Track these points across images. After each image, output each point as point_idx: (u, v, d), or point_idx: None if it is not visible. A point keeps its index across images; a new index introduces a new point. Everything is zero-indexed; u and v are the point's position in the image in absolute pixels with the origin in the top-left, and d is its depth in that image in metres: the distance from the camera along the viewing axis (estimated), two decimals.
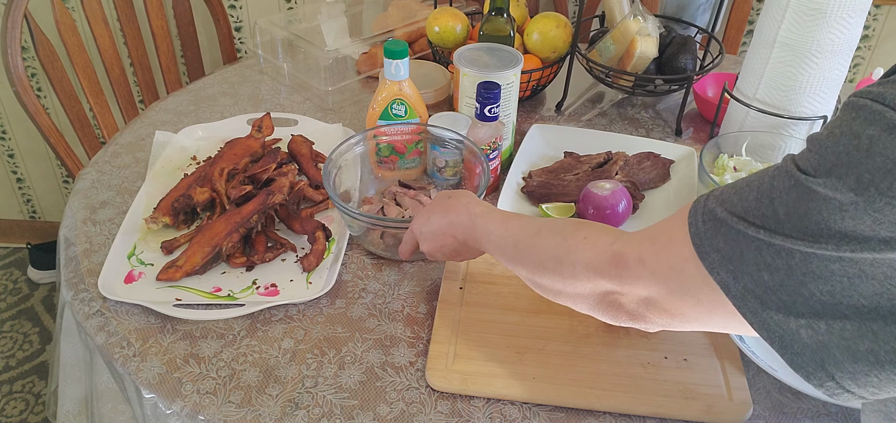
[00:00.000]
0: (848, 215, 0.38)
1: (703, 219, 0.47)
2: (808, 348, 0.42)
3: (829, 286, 0.40)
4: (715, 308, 0.47)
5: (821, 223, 0.40)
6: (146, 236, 0.88)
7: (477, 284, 0.81)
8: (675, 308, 0.50)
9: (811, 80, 0.94)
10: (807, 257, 0.40)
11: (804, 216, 0.40)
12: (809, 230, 0.40)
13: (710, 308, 0.47)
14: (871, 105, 0.39)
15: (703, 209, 0.48)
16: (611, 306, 0.56)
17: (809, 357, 0.42)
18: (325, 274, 0.83)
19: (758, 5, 1.63)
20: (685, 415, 0.67)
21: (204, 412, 0.67)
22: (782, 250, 0.41)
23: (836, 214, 0.39)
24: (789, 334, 0.42)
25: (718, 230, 0.46)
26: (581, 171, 0.98)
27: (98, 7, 1.38)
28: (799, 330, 0.42)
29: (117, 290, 0.79)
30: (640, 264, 0.51)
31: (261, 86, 1.28)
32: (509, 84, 0.96)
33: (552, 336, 0.74)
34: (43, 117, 1.26)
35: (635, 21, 1.12)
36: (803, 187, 0.41)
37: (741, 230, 0.44)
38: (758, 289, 0.43)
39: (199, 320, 0.76)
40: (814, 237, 0.40)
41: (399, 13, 1.36)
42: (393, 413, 0.67)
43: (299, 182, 0.93)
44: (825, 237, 0.39)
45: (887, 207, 0.37)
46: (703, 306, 0.48)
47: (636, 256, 0.52)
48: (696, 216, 0.48)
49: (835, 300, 0.40)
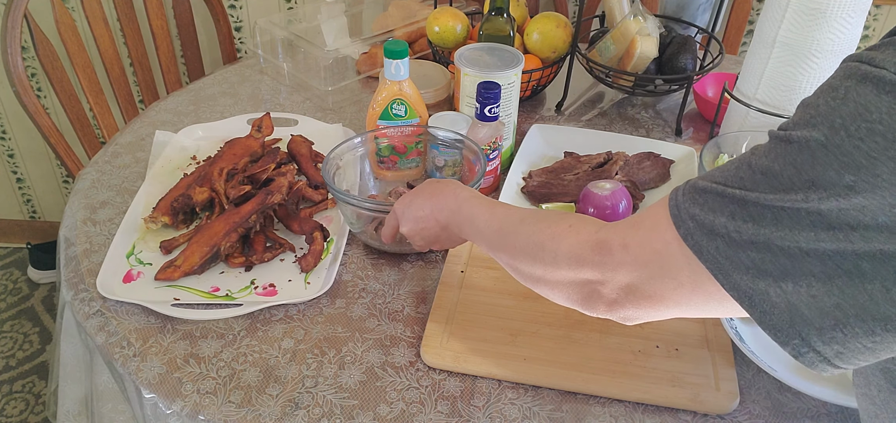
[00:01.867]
0: (818, 161, 0.40)
1: (683, 192, 0.49)
2: (777, 308, 0.43)
3: (797, 241, 0.41)
4: (695, 288, 0.48)
5: (793, 175, 0.41)
6: (145, 235, 0.88)
7: (478, 268, 0.83)
8: (655, 292, 0.51)
9: (811, 80, 0.94)
10: (777, 213, 0.42)
11: (778, 173, 0.42)
12: (781, 183, 0.42)
13: (690, 289, 0.48)
14: (855, 65, 0.40)
15: (685, 186, 0.49)
16: (589, 296, 0.56)
17: (778, 316, 0.43)
18: (323, 274, 0.83)
19: (758, 5, 1.63)
20: (671, 402, 0.68)
21: (204, 412, 0.67)
22: (754, 206, 0.43)
23: (807, 160, 0.40)
24: (759, 294, 0.43)
25: (696, 199, 0.47)
26: (581, 171, 0.98)
27: (98, 7, 1.38)
28: (768, 290, 0.43)
29: (116, 289, 0.79)
30: (624, 250, 0.52)
31: (261, 86, 1.28)
32: (510, 84, 0.96)
33: (546, 321, 0.76)
34: (43, 117, 1.26)
35: (635, 21, 1.12)
36: (779, 140, 0.43)
37: (718, 192, 0.45)
38: (729, 250, 0.44)
39: (197, 319, 0.76)
40: (785, 189, 0.41)
41: (399, 13, 1.36)
42: (393, 413, 0.67)
43: (298, 182, 0.93)
44: (795, 188, 0.41)
45: (855, 150, 0.38)
46: (684, 289, 0.49)
47: (620, 242, 0.52)
48: (676, 192, 0.50)
49: (802, 255, 0.41)
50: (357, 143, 0.92)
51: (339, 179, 0.89)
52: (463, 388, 0.70)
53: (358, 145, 0.92)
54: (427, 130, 0.94)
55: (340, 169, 0.90)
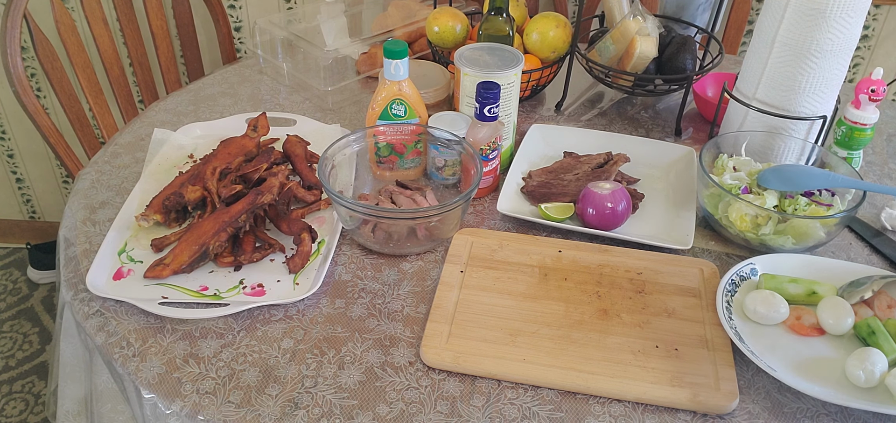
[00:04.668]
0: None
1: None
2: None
3: None
4: None
5: None
6: (137, 233, 0.88)
7: (477, 268, 0.83)
8: None
9: (811, 79, 0.94)
10: None
11: None
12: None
13: None
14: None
15: None
16: None
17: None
18: (312, 275, 0.82)
19: (757, 5, 1.63)
20: (671, 402, 0.68)
21: (203, 412, 0.67)
22: None
23: None
24: None
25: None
26: (581, 171, 0.98)
27: (98, 7, 1.38)
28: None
29: (105, 286, 0.79)
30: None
31: (260, 86, 1.28)
32: (510, 84, 0.96)
33: (546, 321, 0.76)
34: (42, 117, 1.26)
35: (635, 21, 1.12)
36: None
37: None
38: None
39: (183, 318, 0.76)
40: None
41: (399, 13, 1.36)
42: (393, 413, 0.67)
43: (290, 182, 0.92)
44: None
45: None
46: None
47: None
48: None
49: None
50: (351, 141, 0.92)
51: (334, 179, 0.89)
52: (462, 388, 0.70)
53: (352, 143, 0.92)
54: (426, 130, 0.94)
55: (335, 168, 0.90)
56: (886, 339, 0.72)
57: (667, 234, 0.90)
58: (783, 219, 0.84)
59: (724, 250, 0.90)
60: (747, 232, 0.86)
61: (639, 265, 0.84)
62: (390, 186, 0.95)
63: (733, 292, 0.79)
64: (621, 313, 0.78)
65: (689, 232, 0.88)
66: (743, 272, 0.81)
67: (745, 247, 0.89)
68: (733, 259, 0.88)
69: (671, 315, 0.77)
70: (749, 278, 0.81)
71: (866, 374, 0.68)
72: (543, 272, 0.83)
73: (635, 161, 1.03)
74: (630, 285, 0.81)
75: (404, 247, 0.86)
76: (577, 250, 0.86)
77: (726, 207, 0.88)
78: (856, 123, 1.01)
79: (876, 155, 1.12)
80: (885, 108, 1.26)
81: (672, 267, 0.84)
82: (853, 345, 0.74)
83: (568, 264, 0.84)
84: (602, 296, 0.80)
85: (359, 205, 0.85)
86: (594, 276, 0.82)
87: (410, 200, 0.92)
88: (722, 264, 0.87)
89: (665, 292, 0.80)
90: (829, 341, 0.75)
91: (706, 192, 0.90)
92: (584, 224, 0.90)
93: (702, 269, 0.84)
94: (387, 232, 0.86)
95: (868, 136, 1.02)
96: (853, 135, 1.02)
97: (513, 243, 0.87)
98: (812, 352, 0.73)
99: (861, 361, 0.69)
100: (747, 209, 0.85)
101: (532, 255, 0.85)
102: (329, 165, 0.88)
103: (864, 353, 0.70)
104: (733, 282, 0.80)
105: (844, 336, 0.75)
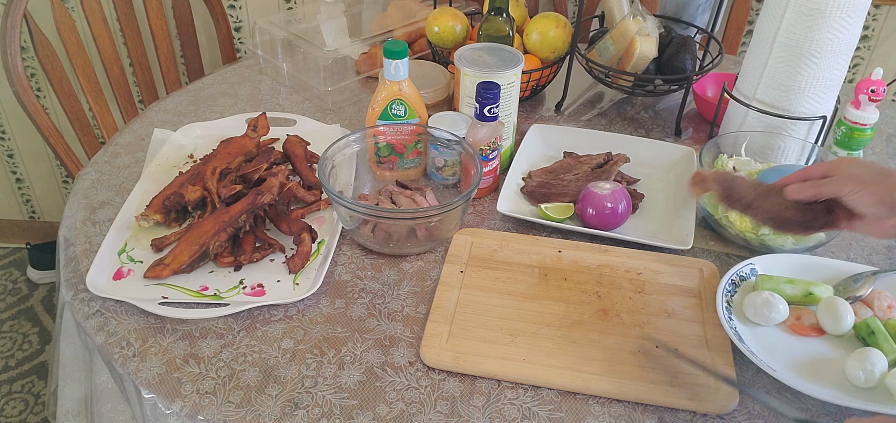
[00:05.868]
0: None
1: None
2: None
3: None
4: None
5: None
6: (137, 233, 0.88)
7: (477, 268, 0.83)
8: None
9: (810, 80, 0.94)
10: None
11: None
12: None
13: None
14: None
15: None
16: None
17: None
18: (312, 275, 0.82)
19: (757, 5, 1.63)
20: (671, 402, 0.68)
21: (203, 412, 0.67)
22: None
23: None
24: None
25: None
26: (581, 171, 0.98)
27: (98, 7, 1.38)
28: None
29: (105, 286, 0.80)
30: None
31: (260, 86, 1.28)
32: (510, 84, 0.96)
33: (545, 321, 0.76)
34: (42, 117, 1.26)
35: (635, 21, 1.12)
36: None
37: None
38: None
39: (184, 318, 0.76)
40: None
41: (398, 13, 1.36)
42: (392, 413, 0.67)
43: (290, 182, 0.92)
44: None
45: None
46: None
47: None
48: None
49: None
50: (351, 141, 0.92)
51: (334, 179, 0.89)
52: (462, 388, 0.70)
53: (352, 143, 0.92)
54: (426, 130, 0.94)
55: (335, 168, 0.90)
56: (886, 339, 0.72)
57: (667, 234, 0.90)
58: None
59: (723, 251, 0.90)
60: (747, 232, 0.86)
61: (639, 265, 0.84)
62: (390, 187, 0.95)
63: (733, 293, 0.79)
64: (621, 313, 0.78)
65: (688, 232, 0.88)
66: (743, 273, 0.81)
67: (745, 247, 0.89)
68: (733, 259, 0.88)
69: (671, 315, 0.77)
70: (749, 279, 0.81)
71: (866, 374, 0.68)
72: (543, 272, 0.83)
73: (635, 161, 1.03)
74: (630, 286, 0.81)
75: (404, 247, 0.86)
76: (577, 250, 0.86)
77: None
78: (856, 123, 1.01)
79: (876, 155, 1.12)
80: (885, 108, 1.26)
81: (672, 267, 0.84)
82: (853, 345, 0.74)
83: (568, 264, 0.84)
84: (602, 296, 0.80)
85: (359, 205, 0.85)
86: (594, 276, 0.83)
87: (410, 200, 0.92)
88: (722, 265, 0.87)
89: (665, 292, 0.80)
90: (829, 342, 0.75)
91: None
92: (584, 224, 0.90)
93: (701, 269, 0.84)
94: (387, 232, 0.86)
95: (868, 136, 1.02)
96: (853, 135, 1.02)
97: (513, 244, 0.87)
98: (812, 352, 0.74)
99: (861, 361, 0.69)
100: None
101: (532, 255, 0.85)
102: (329, 166, 0.88)
103: (864, 353, 0.70)
104: (733, 282, 0.80)
105: (844, 336, 0.75)
